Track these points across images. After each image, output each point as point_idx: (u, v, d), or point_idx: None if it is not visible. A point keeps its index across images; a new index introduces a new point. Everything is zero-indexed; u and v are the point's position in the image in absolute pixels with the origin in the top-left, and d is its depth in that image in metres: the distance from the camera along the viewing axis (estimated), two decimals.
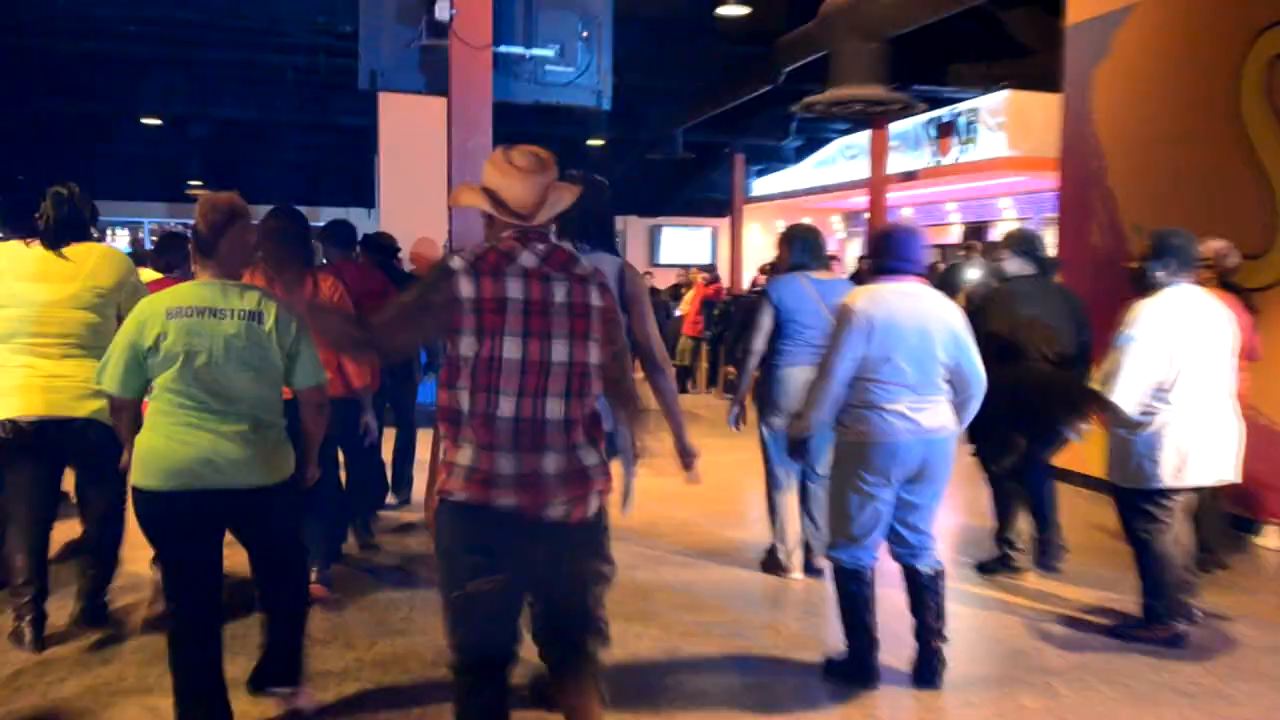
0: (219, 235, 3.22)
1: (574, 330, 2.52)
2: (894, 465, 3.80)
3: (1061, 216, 8.25)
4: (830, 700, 3.86)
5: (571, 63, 7.22)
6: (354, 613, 4.66)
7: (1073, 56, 7.92)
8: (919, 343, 3.75)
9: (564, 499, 2.53)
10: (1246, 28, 6.36)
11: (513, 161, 2.56)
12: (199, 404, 3.13)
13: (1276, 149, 6.19)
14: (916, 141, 15.79)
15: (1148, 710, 3.77)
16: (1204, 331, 4.19)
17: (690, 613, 4.76)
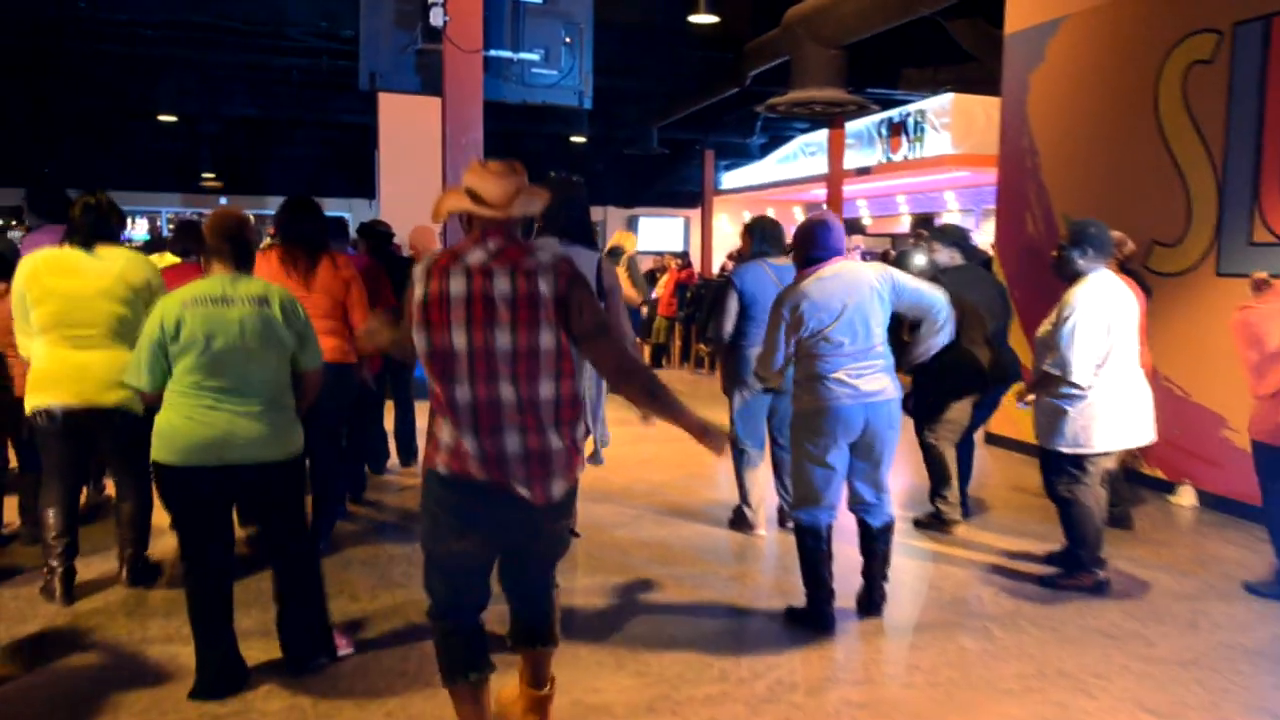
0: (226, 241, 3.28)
1: (518, 318, 2.51)
2: (839, 429, 3.87)
3: (999, 207, 8.32)
4: (791, 644, 3.91)
5: (556, 66, 7.21)
6: (358, 568, 4.69)
7: (1011, 62, 7.97)
8: (849, 314, 3.84)
9: (527, 478, 2.55)
10: (1165, 38, 6.43)
11: (488, 167, 2.64)
12: (216, 386, 3.16)
13: (1191, 148, 6.27)
14: (870, 139, 15.82)
15: (1074, 650, 3.85)
16: (1121, 310, 4.29)
17: (665, 566, 4.82)
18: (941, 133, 13.92)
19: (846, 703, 3.39)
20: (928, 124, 14.25)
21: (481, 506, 2.57)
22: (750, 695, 3.43)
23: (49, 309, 3.86)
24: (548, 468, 2.57)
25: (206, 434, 3.12)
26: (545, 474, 2.56)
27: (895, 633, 4.02)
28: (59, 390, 3.87)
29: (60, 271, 3.89)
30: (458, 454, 2.54)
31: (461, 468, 2.53)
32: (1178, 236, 6.31)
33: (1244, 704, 3.42)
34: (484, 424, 2.51)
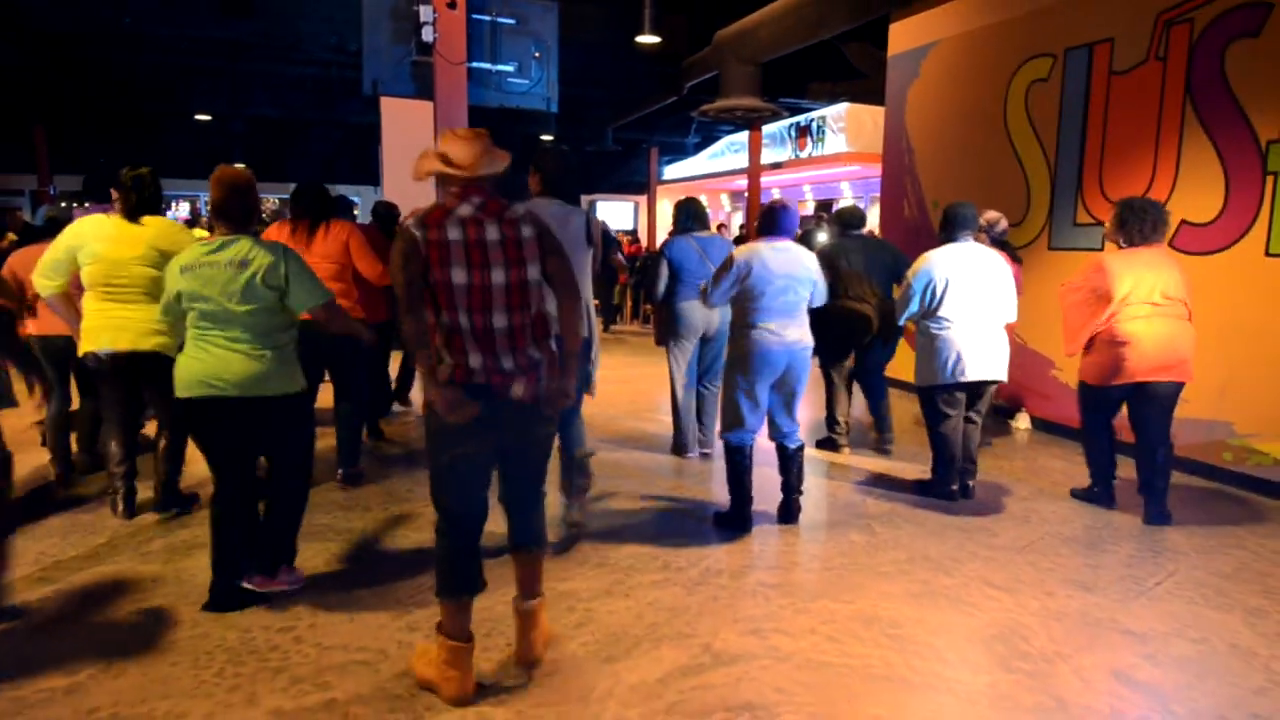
0: (226, 199, 3.07)
1: (508, 258, 2.47)
2: (766, 369, 3.92)
3: (883, 196, 8.37)
4: (718, 540, 3.97)
5: (527, 76, 7.08)
6: (369, 487, 4.65)
7: (892, 78, 7.97)
8: (784, 282, 3.89)
9: (521, 385, 2.50)
10: (1013, 60, 6.47)
11: (456, 133, 2.55)
12: (213, 331, 3.01)
13: (1031, 148, 6.35)
14: (782, 140, 15.79)
15: (936, 541, 3.97)
16: (967, 270, 4.29)
17: (618, 480, 4.84)
18: (838, 135, 13.94)
19: (761, 584, 3.46)
20: (828, 128, 14.27)
21: (481, 406, 2.48)
22: (686, 580, 3.48)
23: (95, 269, 3.71)
24: (534, 374, 2.53)
25: (202, 369, 3.00)
26: (533, 380, 2.53)
27: (800, 531, 4.10)
28: (104, 337, 3.74)
29: (105, 238, 3.73)
30: (461, 367, 2.46)
31: (466, 377, 2.46)
32: (1020, 218, 6.41)
33: (1064, 579, 3.55)
34: (484, 346, 2.46)
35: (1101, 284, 4.12)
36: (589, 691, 2.63)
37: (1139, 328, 4.05)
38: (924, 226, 7.42)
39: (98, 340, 3.74)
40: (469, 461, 2.55)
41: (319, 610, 3.13)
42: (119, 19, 10.94)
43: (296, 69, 13.83)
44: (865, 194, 15.22)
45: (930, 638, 3.02)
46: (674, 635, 3.00)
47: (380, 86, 6.64)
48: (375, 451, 5.34)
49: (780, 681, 2.70)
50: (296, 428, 3.27)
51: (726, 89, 11.60)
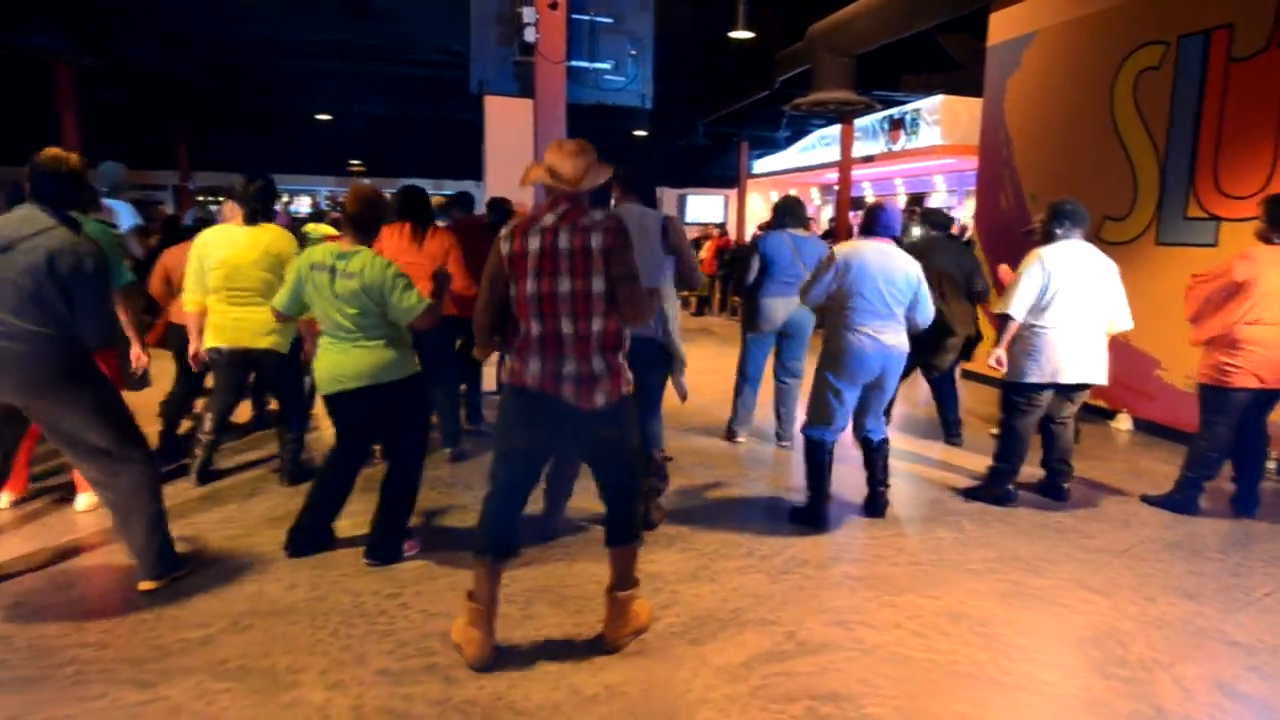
0: (361, 211, 3.26)
1: (574, 268, 2.48)
2: (861, 371, 3.80)
3: (979, 188, 8.04)
4: (804, 531, 3.91)
5: (623, 73, 7.09)
6: (471, 465, 4.77)
7: (992, 69, 7.63)
8: (884, 284, 3.74)
9: (576, 392, 2.53)
10: (1121, 48, 6.09)
11: (564, 147, 2.59)
12: (337, 328, 3.20)
13: (1139, 139, 5.97)
14: (874, 133, 15.34)
15: (1028, 541, 3.80)
16: (1077, 270, 4.05)
17: (707, 469, 4.84)
18: (933, 127, 13.46)
19: (846, 576, 3.39)
20: (922, 120, 13.79)
21: (537, 408, 2.56)
22: (770, 568, 3.45)
23: (219, 274, 3.94)
24: (593, 384, 2.54)
25: (328, 367, 3.22)
26: (591, 389, 2.54)
27: (886, 525, 3.99)
28: (224, 336, 4.00)
29: (226, 245, 3.95)
30: (526, 372, 2.55)
31: (524, 381, 2.55)
32: (1125, 212, 6.04)
33: (1164, 585, 3.35)
34: (549, 352, 2.52)
35: (1244, 276, 3.82)
36: (675, 671, 2.64)
37: (1268, 334, 3.77)
38: (1021, 220, 7.08)
39: (220, 337, 4.01)
40: (521, 452, 2.66)
41: (423, 580, 3.25)
42: (252, 25, 11.52)
43: (408, 70, 14.25)
44: (959, 187, 14.64)
45: (1020, 638, 2.89)
46: (758, 621, 2.97)
47: (485, 86, 6.77)
48: (477, 432, 5.48)
49: (864, 673, 2.64)
50: (412, 409, 3.41)
51: (819, 82, 11.33)
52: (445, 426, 4.85)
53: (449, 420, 4.86)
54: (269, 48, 12.96)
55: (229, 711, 2.38)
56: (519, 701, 2.45)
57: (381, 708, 2.41)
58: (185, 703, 2.42)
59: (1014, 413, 4.23)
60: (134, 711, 2.37)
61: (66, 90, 11.22)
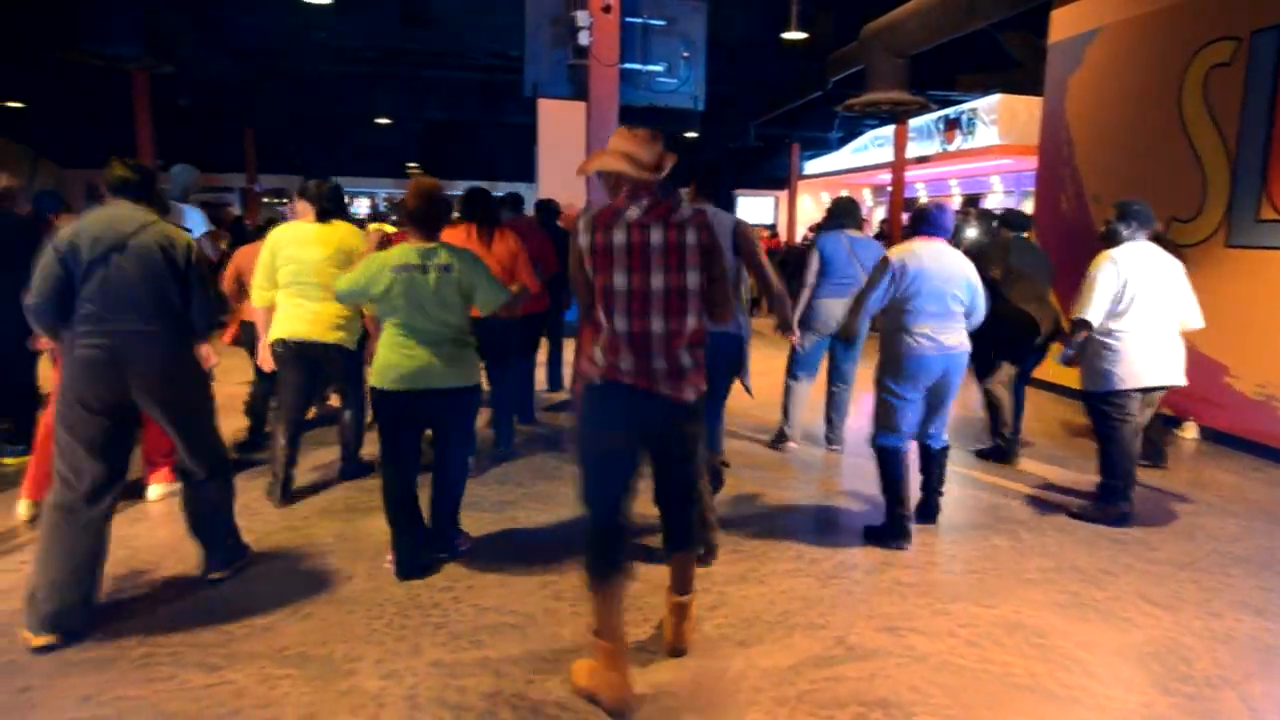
0: (423, 207, 3.20)
1: (669, 264, 2.40)
2: (922, 374, 3.68)
3: (1038, 189, 7.81)
4: (854, 535, 3.85)
5: (675, 75, 7.10)
6: (519, 463, 4.81)
7: (1053, 67, 7.41)
8: (941, 285, 3.63)
9: (667, 387, 2.45)
10: (1190, 44, 5.86)
11: (637, 134, 2.48)
12: (415, 332, 3.15)
13: (1209, 138, 5.74)
14: (929, 133, 15.06)
15: (1087, 551, 3.68)
16: (1149, 272, 3.91)
17: (755, 470, 4.80)
18: (990, 127, 13.15)
19: (897, 582, 3.33)
20: (978, 119, 13.48)
21: (629, 404, 2.46)
22: (820, 572, 3.40)
23: (290, 270, 3.94)
24: (683, 379, 2.47)
25: (410, 365, 3.13)
26: (681, 383, 2.47)
27: (940, 531, 3.90)
28: (293, 327, 3.95)
29: (298, 242, 3.97)
30: (614, 369, 2.44)
31: (615, 377, 2.44)
32: (1193, 214, 5.82)
33: (1231, 600, 3.21)
34: (640, 349, 2.42)
35: None
36: (723, 672, 2.63)
37: None
38: (1082, 221, 6.88)
39: (288, 329, 3.99)
40: (615, 454, 2.50)
41: (475, 574, 3.29)
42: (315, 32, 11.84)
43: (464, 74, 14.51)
44: (1017, 188, 14.28)
45: (1078, 651, 2.81)
46: (807, 625, 2.94)
47: (539, 89, 6.84)
48: (529, 433, 5.52)
49: (915, 681, 2.59)
50: (470, 413, 3.43)
51: (873, 82, 11.17)
52: (500, 425, 4.89)
53: (505, 419, 4.90)
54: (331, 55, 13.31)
55: (289, 697, 2.45)
56: (567, 699, 2.47)
57: (435, 698, 2.45)
58: (249, 687, 2.49)
59: (1106, 423, 4.01)
60: (199, 694, 2.45)
61: (142, 96, 11.70)
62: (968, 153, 13.85)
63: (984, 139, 13.30)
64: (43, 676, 2.52)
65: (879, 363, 3.84)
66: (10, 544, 3.54)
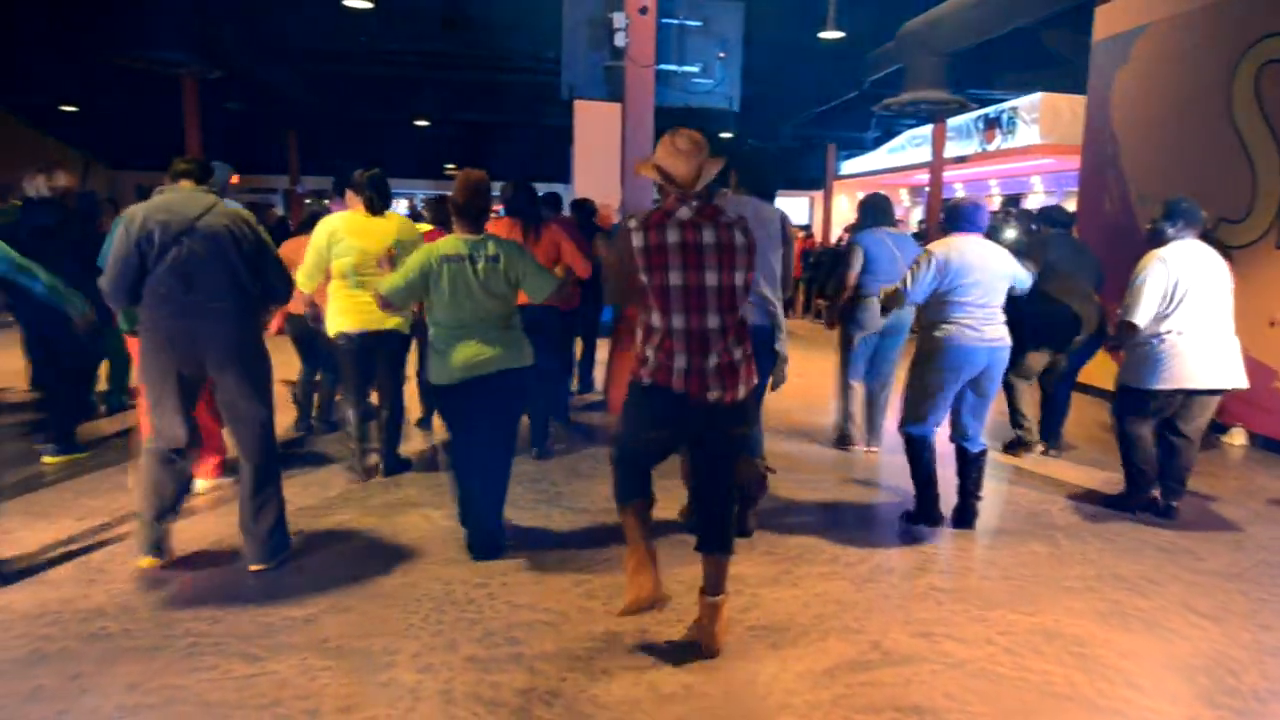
0: (469, 199, 3.31)
1: (721, 263, 2.50)
2: (965, 365, 3.68)
3: (1082, 189, 7.64)
4: (889, 538, 3.82)
5: (711, 76, 7.07)
6: (553, 463, 4.83)
7: (1098, 64, 7.24)
8: (982, 276, 3.65)
9: (719, 386, 2.53)
10: (1240, 40, 5.69)
11: (677, 146, 2.55)
12: (464, 324, 3.24)
13: (1260, 136, 5.56)
14: (968, 132, 14.80)
15: (1130, 559, 3.59)
16: (1198, 272, 3.82)
17: (790, 472, 4.75)
18: (1031, 126, 12.89)
19: (933, 587, 3.28)
20: (1019, 119, 13.23)
21: (677, 410, 2.54)
22: (855, 575, 3.37)
23: (348, 260, 4.00)
24: (736, 376, 2.56)
25: (463, 356, 3.25)
26: (734, 381, 2.55)
27: (976, 537, 3.84)
28: (353, 319, 4.06)
29: (357, 232, 4.03)
30: (663, 369, 2.52)
31: (665, 380, 2.52)
32: (1242, 214, 5.64)
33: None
34: (695, 347, 2.51)
35: None
36: (755, 674, 2.61)
37: None
38: (1127, 222, 6.71)
39: (349, 322, 4.09)
40: (651, 441, 2.65)
41: (509, 571, 3.31)
42: (357, 36, 12.03)
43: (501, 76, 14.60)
44: (1059, 188, 13.98)
45: (1120, 661, 2.74)
46: (841, 629, 2.91)
47: (575, 90, 6.85)
48: (562, 431, 5.55)
49: (951, 688, 2.55)
50: (521, 397, 3.52)
51: (911, 81, 11.02)
52: (537, 424, 4.89)
53: (542, 418, 4.91)
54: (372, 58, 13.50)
55: (329, 688, 2.49)
56: (600, 695, 2.47)
57: (470, 693, 2.47)
58: (290, 677, 2.54)
59: (1132, 423, 4.01)
60: (242, 684, 2.50)
61: (191, 100, 12.00)
62: (1008, 152, 13.59)
63: (1025, 138, 13.04)
64: (93, 663, 2.60)
65: (917, 353, 3.84)
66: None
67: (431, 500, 4.08)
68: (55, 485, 4.25)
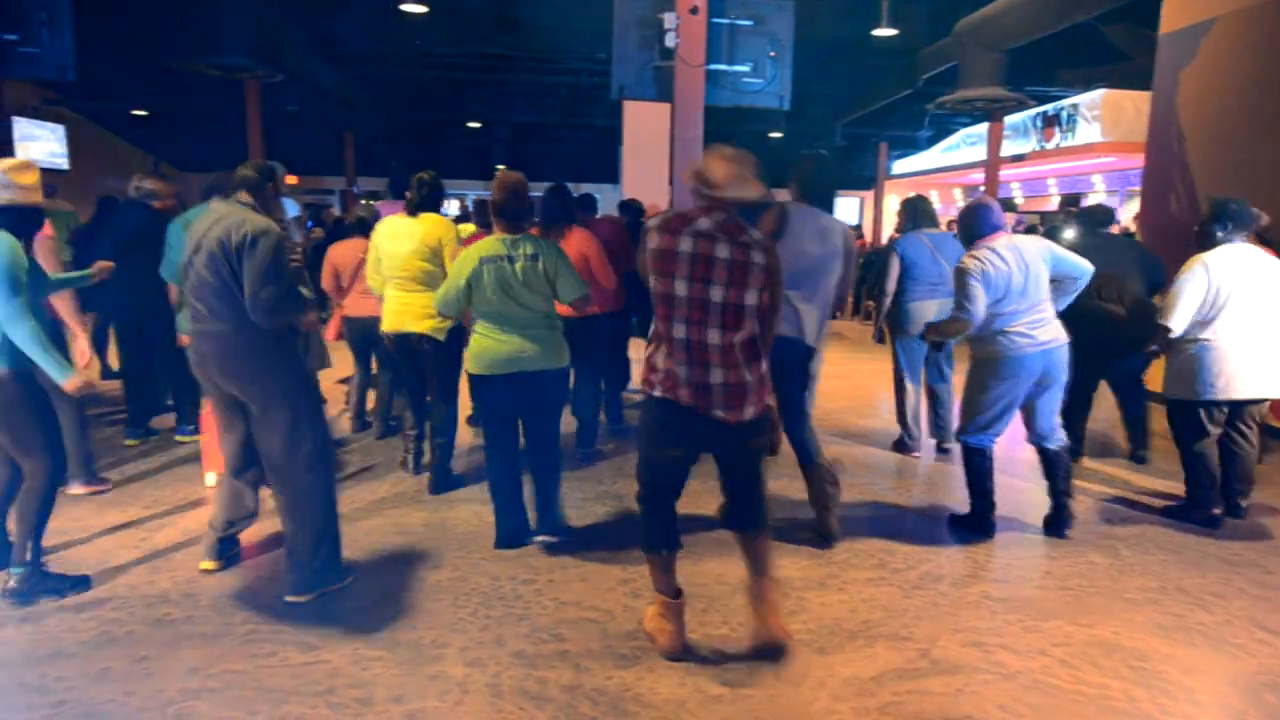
0: (507, 200, 3.35)
1: (732, 279, 2.43)
2: (1022, 374, 3.57)
3: (1145, 189, 7.39)
4: (939, 544, 3.75)
5: (762, 75, 7.01)
6: (600, 462, 4.84)
7: (1164, 59, 7.00)
8: (1024, 277, 3.51)
9: (723, 406, 2.48)
10: None
11: (722, 152, 2.54)
12: (505, 320, 3.31)
13: None
14: (1025, 130, 14.44)
15: (1195, 572, 3.45)
16: (1244, 276, 3.69)
17: (867, 480, 4.56)
18: (1092, 123, 12.51)
19: (986, 596, 3.20)
20: (1080, 116, 12.85)
21: (687, 424, 2.52)
22: (903, 581, 3.31)
23: (387, 264, 4.08)
24: (742, 397, 2.49)
25: (502, 350, 3.30)
26: (740, 401, 2.49)
27: (1032, 544, 3.74)
28: (391, 321, 4.13)
29: (389, 236, 4.10)
30: (671, 380, 2.49)
31: (673, 394, 2.50)
32: None
33: None
34: (695, 359, 2.47)
35: None
36: (801, 678, 2.58)
37: None
38: (1193, 222, 6.46)
39: (388, 322, 4.18)
40: (667, 458, 2.63)
41: (556, 568, 3.34)
42: (412, 40, 12.26)
43: (552, 78, 14.74)
44: (1120, 187, 13.56)
45: (1184, 677, 2.64)
46: (889, 636, 2.86)
47: (625, 91, 6.87)
48: (610, 428, 5.55)
49: (1004, 699, 2.49)
50: (559, 398, 3.53)
51: (966, 79, 10.79)
52: (584, 424, 4.91)
53: (589, 418, 4.92)
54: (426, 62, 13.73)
55: (380, 678, 2.54)
56: (645, 694, 2.48)
57: (517, 688, 2.50)
58: (343, 667, 2.60)
59: (1186, 434, 3.90)
60: (298, 671, 2.57)
61: (253, 103, 12.38)
62: (1067, 151, 13.22)
63: (1085, 136, 12.67)
64: (158, 647, 2.70)
65: (973, 361, 3.74)
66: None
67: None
68: (127, 474, 4.42)
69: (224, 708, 2.38)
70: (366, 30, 12.15)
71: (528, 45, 12.36)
